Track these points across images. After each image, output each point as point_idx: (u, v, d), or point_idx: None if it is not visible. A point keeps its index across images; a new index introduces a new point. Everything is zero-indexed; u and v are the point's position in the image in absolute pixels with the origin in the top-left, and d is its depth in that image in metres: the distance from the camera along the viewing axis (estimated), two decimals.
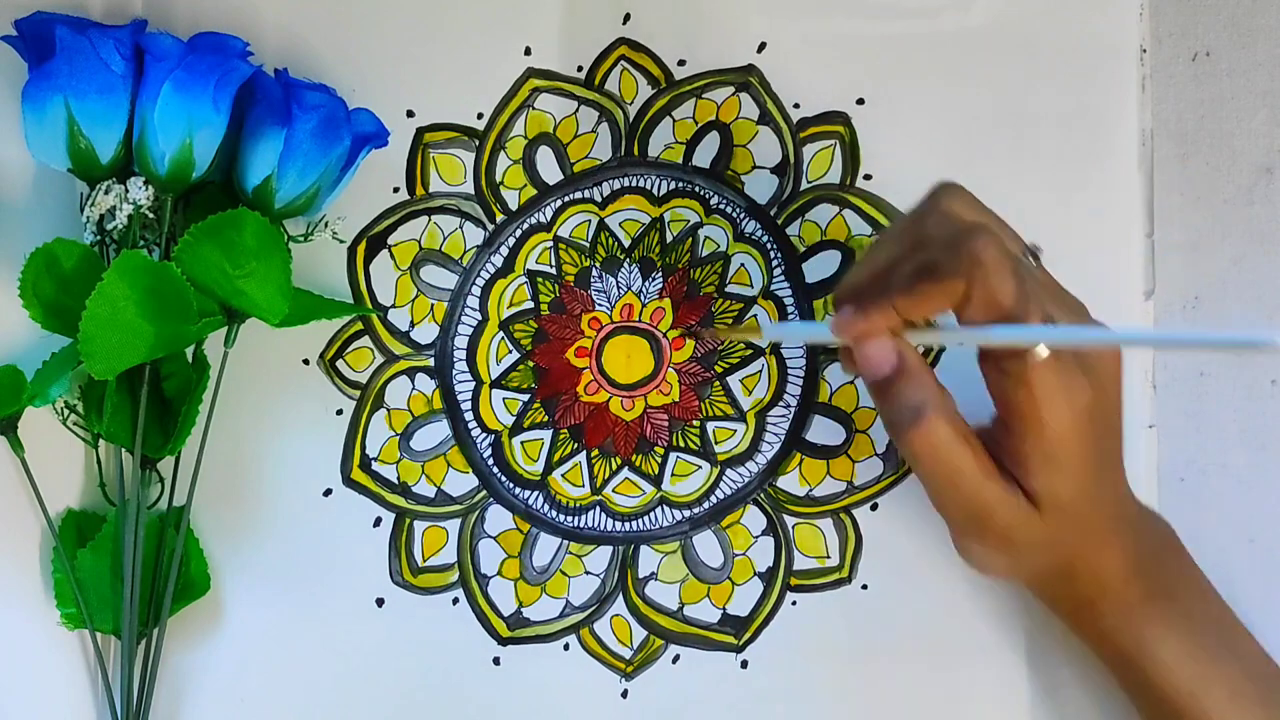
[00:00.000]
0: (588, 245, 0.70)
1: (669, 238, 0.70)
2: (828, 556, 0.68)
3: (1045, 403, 0.56)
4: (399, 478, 0.69)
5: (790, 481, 0.69)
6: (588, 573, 0.69)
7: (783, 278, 0.70)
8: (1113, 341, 0.58)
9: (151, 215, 0.65)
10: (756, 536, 0.69)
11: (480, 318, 0.70)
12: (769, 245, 0.70)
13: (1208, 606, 0.62)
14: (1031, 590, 0.64)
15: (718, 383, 0.69)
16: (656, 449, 0.69)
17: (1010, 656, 0.67)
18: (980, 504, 0.58)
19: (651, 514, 0.69)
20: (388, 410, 0.69)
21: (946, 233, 0.56)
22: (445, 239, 0.70)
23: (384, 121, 0.67)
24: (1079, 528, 0.59)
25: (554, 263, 0.70)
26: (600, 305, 0.70)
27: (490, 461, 0.69)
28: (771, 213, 0.70)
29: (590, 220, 0.70)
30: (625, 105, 0.70)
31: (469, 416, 0.69)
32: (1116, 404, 0.59)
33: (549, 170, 0.70)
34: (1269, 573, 0.65)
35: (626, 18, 0.70)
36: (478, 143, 0.70)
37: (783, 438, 0.69)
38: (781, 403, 0.69)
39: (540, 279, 0.70)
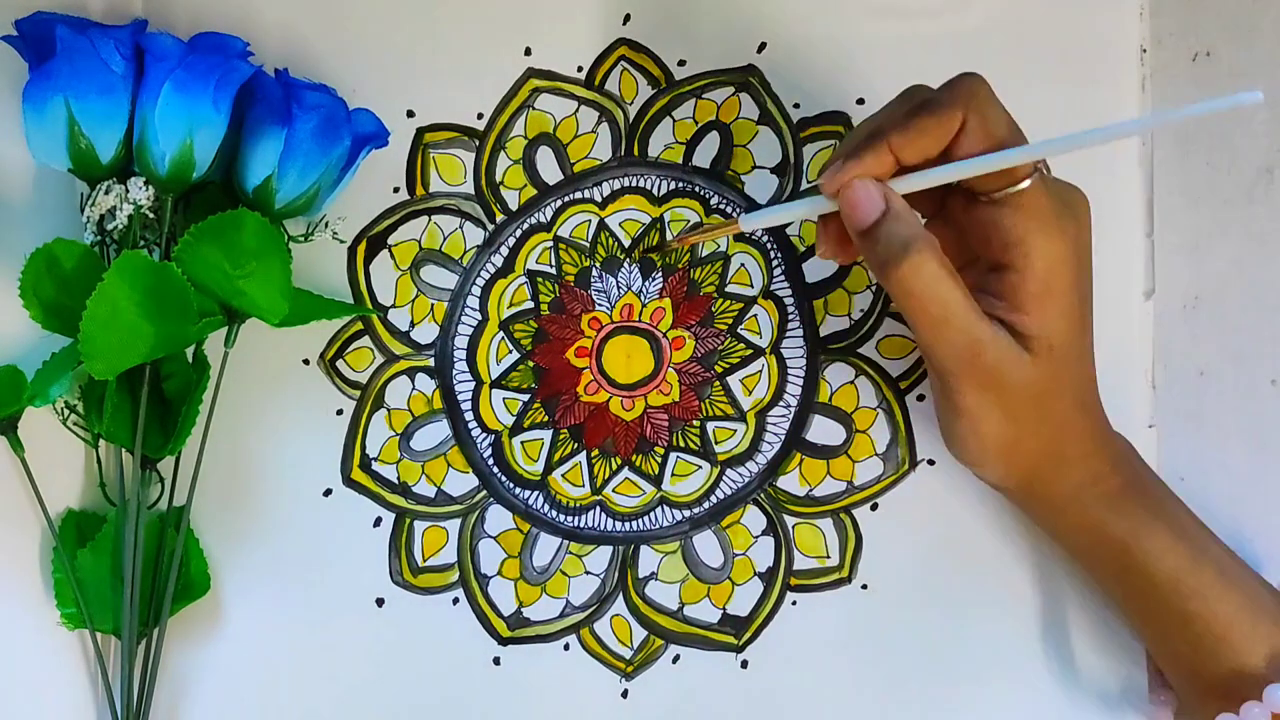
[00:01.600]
0: (588, 245, 0.70)
1: (669, 238, 0.70)
2: (828, 556, 0.68)
3: (1040, 228, 0.58)
4: (399, 478, 0.69)
5: (790, 481, 0.69)
6: (588, 573, 0.69)
7: (783, 278, 0.70)
8: (1116, 134, 0.58)
9: (151, 215, 0.65)
10: (756, 536, 0.69)
11: (480, 318, 0.70)
12: (769, 245, 0.70)
13: (1175, 497, 0.65)
14: (1024, 489, 0.64)
15: (718, 383, 0.69)
16: (656, 449, 0.69)
17: (1009, 656, 0.67)
18: (971, 339, 0.59)
19: (651, 514, 0.69)
20: (388, 410, 0.69)
21: (941, 86, 0.59)
22: (445, 239, 0.70)
23: (384, 121, 0.68)
24: (1068, 384, 0.61)
25: (554, 263, 0.70)
26: (600, 305, 0.70)
27: (490, 461, 0.69)
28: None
29: (590, 220, 0.70)
30: (625, 105, 0.70)
31: (469, 416, 0.69)
32: (1089, 255, 0.60)
33: (549, 170, 0.70)
34: (1269, 573, 0.65)
35: (626, 18, 0.70)
36: (478, 143, 0.70)
37: (783, 438, 0.69)
38: (781, 403, 0.69)
39: (540, 279, 0.70)
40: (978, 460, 0.63)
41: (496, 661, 0.68)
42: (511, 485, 0.69)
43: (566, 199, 0.70)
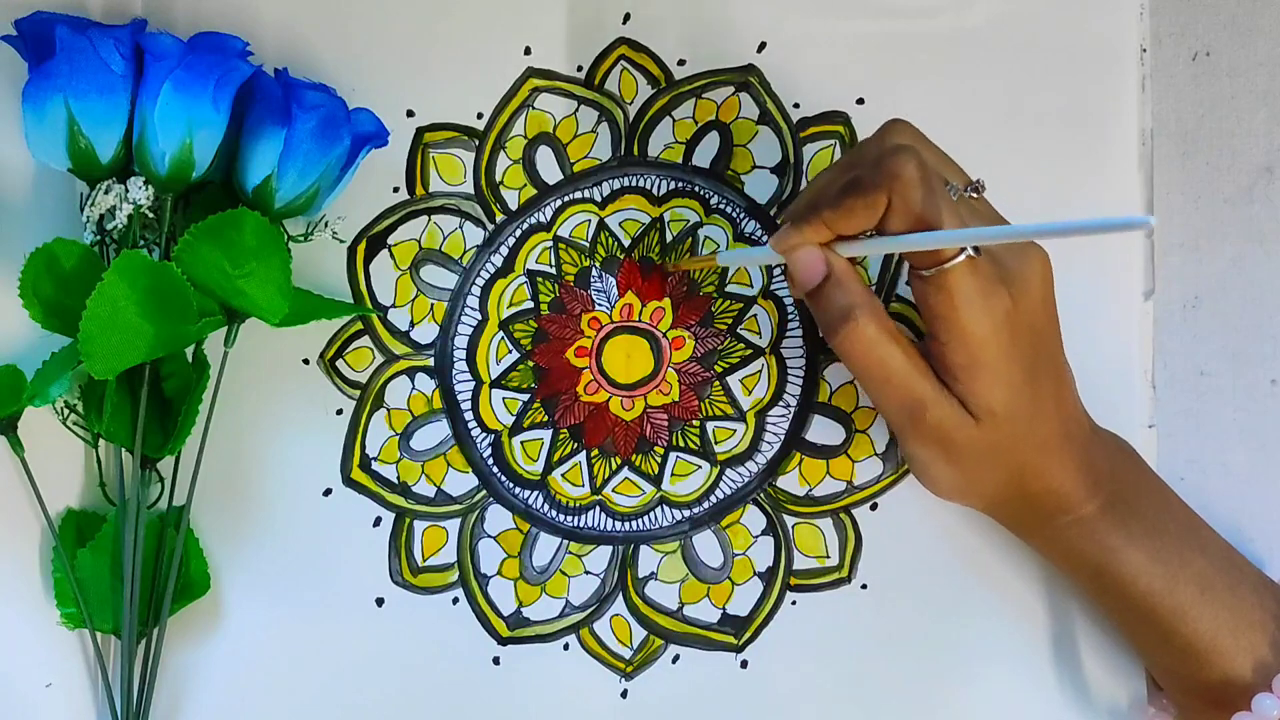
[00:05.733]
0: (587, 245, 0.70)
1: (669, 238, 0.70)
2: (827, 556, 0.68)
3: (963, 307, 0.59)
4: (399, 477, 0.69)
5: (790, 481, 0.69)
6: (587, 572, 0.69)
7: (782, 278, 0.70)
8: (1015, 234, 0.60)
9: (151, 215, 0.65)
10: (756, 536, 0.69)
11: (480, 317, 0.70)
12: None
13: (1170, 510, 0.65)
14: (991, 514, 0.65)
15: (717, 383, 0.69)
16: (656, 449, 0.69)
17: (1010, 656, 0.67)
18: (912, 399, 0.61)
19: (651, 514, 0.69)
20: (388, 410, 0.69)
21: (875, 155, 0.60)
22: (445, 239, 0.70)
23: (384, 121, 0.67)
24: (1022, 438, 0.61)
25: (554, 263, 0.70)
26: (600, 305, 0.70)
27: (490, 461, 0.69)
28: (771, 213, 0.70)
29: (590, 220, 0.70)
30: (625, 105, 0.70)
31: (469, 416, 0.69)
32: (1043, 318, 0.61)
33: (549, 170, 0.70)
34: (1269, 573, 0.65)
35: (626, 18, 0.70)
36: (478, 142, 0.70)
37: (782, 437, 0.69)
38: (781, 403, 0.69)
39: (540, 279, 0.70)
40: (935, 493, 0.65)
41: (496, 661, 0.68)
42: (511, 485, 0.69)
43: (566, 199, 0.70)
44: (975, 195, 0.62)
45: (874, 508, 0.69)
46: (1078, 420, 0.64)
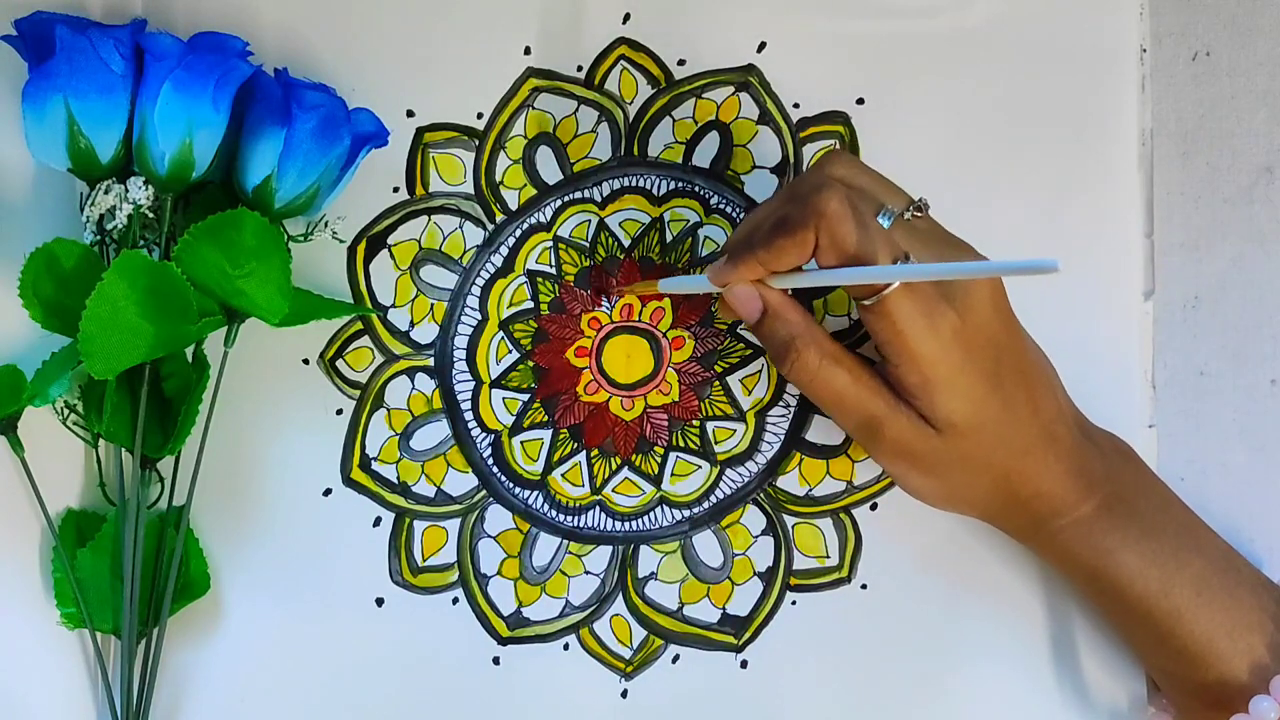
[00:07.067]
0: (588, 245, 0.70)
1: (669, 238, 0.70)
2: (827, 556, 0.68)
3: (907, 330, 0.60)
4: (399, 477, 0.69)
5: (790, 481, 0.69)
6: (587, 572, 0.69)
7: None
8: (925, 274, 0.60)
9: (151, 215, 0.65)
10: (756, 536, 0.69)
11: (480, 317, 0.70)
12: None
13: (1169, 510, 0.65)
14: (987, 520, 0.65)
15: (717, 382, 0.69)
16: (656, 449, 0.69)
17: (1010, 657, 0.67)
18: (866, 416, 0.62)
19: (651, 514, 0.69)
20: (388, 410, 0.69)
21: (805, 191, 0.61)
22: (445, 239, 0.70)
23: (384, 121, 0.67)
24: (995, 446, 0.62)
25: (554, 263, 0.70)
26: (600, 305, 0.70)
27: (490, 461, 0.69)
28: None
29: (590, 220, 0.70)
30: (625, 105, 0.70)
31: (469, 416, 0.69)
32: (999, 330, 0.61)
33: (549, 170, 0.70)
34: (1269, 573, 0.65)
35: (626, 18, 0.70)
36: (478, 142, 0.70)
37: (782, 437, 0.69)
38: (781, 402, 0.69)
39: (540, 279, 0.70)
40: (925, 503, 0.65)
41: (496, 661, 0.68)
42: (511, 485, 0.69)
43: (566, 199, 0.70)
44: (919, 215, 0.62)
45: (874, 508, 0.69)
46: (1064, 423, 0.63)
